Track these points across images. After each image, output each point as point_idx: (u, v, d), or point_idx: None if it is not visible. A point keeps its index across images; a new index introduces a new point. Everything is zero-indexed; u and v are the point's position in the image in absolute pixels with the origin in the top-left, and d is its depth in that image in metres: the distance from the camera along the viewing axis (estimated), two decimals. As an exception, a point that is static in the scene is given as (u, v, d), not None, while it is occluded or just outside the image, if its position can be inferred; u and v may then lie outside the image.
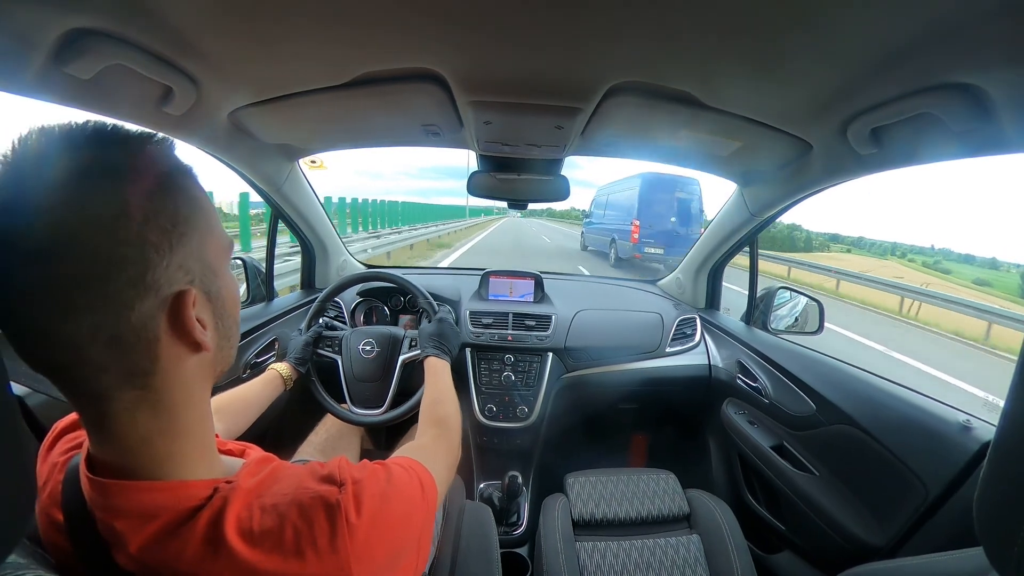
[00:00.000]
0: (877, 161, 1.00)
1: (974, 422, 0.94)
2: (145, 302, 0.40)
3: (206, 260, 0.46)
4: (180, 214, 0.43)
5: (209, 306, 0.47)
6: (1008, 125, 0.71)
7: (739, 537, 1.23)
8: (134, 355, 0.41)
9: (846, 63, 0.75)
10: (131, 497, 0.43)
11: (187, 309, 0.43)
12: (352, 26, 0.75)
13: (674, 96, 0.95)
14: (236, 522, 0.43)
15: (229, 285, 0.51)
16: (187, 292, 0.43)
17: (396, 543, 0.51)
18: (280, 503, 0.45)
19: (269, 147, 1.37)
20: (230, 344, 0.52)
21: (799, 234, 51.91)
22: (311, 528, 0.44)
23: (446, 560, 1.04)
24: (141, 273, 0.40)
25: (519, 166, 1.49)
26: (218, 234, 0.49)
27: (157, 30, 0.73)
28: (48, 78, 0.71)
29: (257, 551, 0.42)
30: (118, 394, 0.41)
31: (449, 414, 0.96)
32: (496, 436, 1.68)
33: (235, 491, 0.45)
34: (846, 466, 1.18)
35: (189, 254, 0.44)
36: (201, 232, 0.45)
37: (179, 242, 0.43)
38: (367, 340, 1.44)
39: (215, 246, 0.48)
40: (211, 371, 0.50)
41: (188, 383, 0.46)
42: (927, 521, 0.95)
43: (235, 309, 0.53)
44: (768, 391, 1.46)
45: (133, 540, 0.42)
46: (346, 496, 0.46)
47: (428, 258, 13.89)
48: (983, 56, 0.64)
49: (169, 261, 0.42)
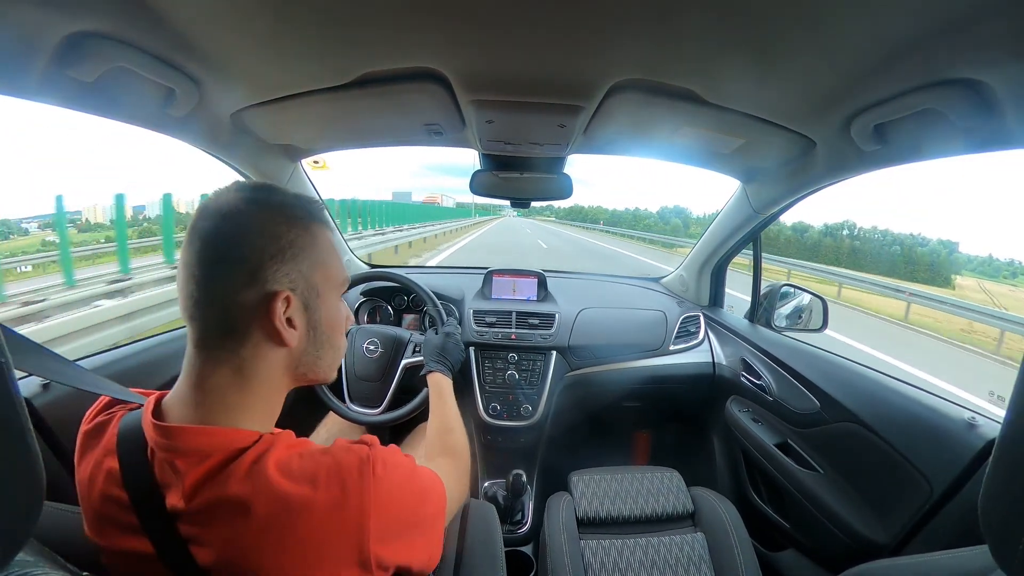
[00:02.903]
0: (881, 157, 0.99)
1: (979, 419, 0.94)
2: (251, 291, 0.53)
3: (312, 281, 0.59)
4: (296, 242, 0.57)
5: (305, 315, 0.59)
6: (1012, 121, 0.71)
7: (743, 535, 1.23)
8: (234, 324, 0.54)
9: (849, 59, 0.75)
10: (192, 438, 0.51)
11: (276, 306, 0.54)
12: (354, 26, 0.75)
13: (677, 94, 0.95)
14: (276, 462, 0.51)
15: (331, 310, 0.64)
16: (281, 293, 0.55)
17: (411, 513, 0.58)
18: (316, 452, 0.54)
19: (271, 147, 1.38)
20: (318, 355, 0.63)
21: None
22: (340, 471, 0.51)
23: (450, 558, 1.05)
24: (255, 270, 0.54)
25: (522, 165, 1.48)
26: (332, 269, 0.63)
27: (159, 32, 0.74)
28: (51, 81, 0.71)
29: (290, 482, 0.49)
30: (216, 350, 0.55)
31: (459, 443, 0.99)
32: (500, 435, 1.68)
33: (277, 440, 0.54)
34: (850, 464, 1.18)
35: (296, 270, 0.57)
36: (311, 260, 0.59)
37: (291, 260, 0.56)
38: (371, 339, 1.45)
39: (324, 276, 0.61)
40: (291, 366, 0.60)
41: (268, 368, 0.57)
42: (932, 519, 0.95)
43: (333, 332, 0.64)
44: (772, 389, 1.46)
45: (190, 476, 0.49)
46: (375, 455, 0.55)
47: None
48: (987, 51, 0.63)
49: (278, 269, 0.55)
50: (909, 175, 34.53)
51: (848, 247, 46.86)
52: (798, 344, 1.51)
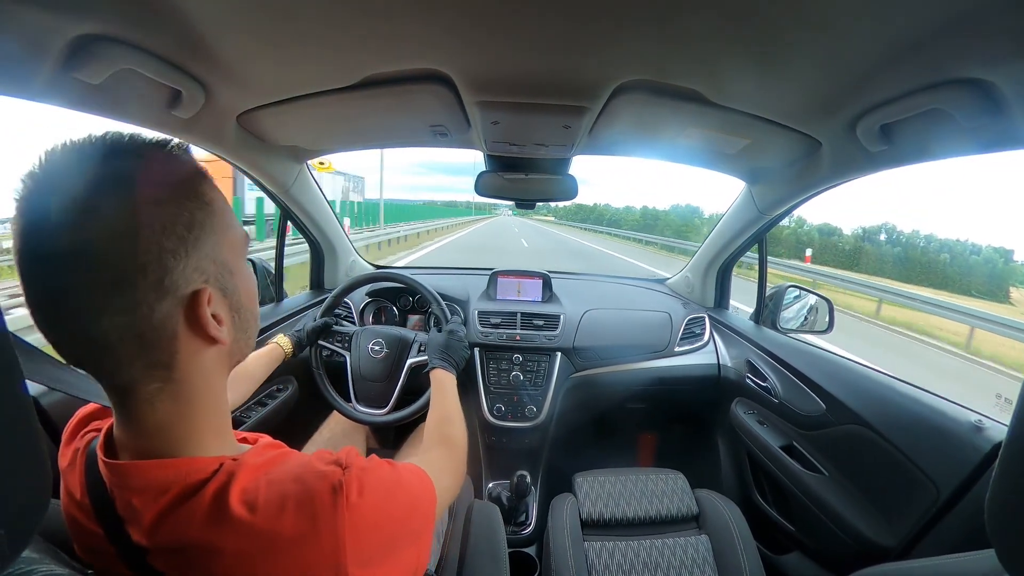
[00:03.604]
0: (887, 158, 0.99)
1: (986, 422, 0.93)
2: (164, 303, 0.43)
3: (221, 259, 0.49)
4: (195, 219, 0.45)
5: (225, 302, 0.50)
6: (1020, 120, 0.70)
7: (748, 538, 1.22)
8: (156, 350, 0.44)
9: (855, 60, 0.74)
10: (145, 474, 0.46)
11: (202, 307, 0.46)
12: (360, 28, 0.75)
13: (681, 94, 0.94)
14: (241, 493, 0.45)
15: (245, 280, 0.53)
16: (202, 291, 0.45)
17: (395, 533, 0.52)
18: (285, 478, 0.47)
19: (278, 149, 1.38)
20: (247, 336, 0.55)
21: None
22: (312, 502, 0.45)
23: (454, 559, 1.05)
24: (160, 277, 0.42)
25: (527, 166, 1.49)
26: (233, 231, 0.51)
27: (165, 34, 0.74)
28: (58, 83, 0.72)
29: (257, 517, 0.44)
30: (142, 386, 0.45)
31: (456, 434, 0.97)
32: (504, 435, 1.68)
33: (241, 466, 0.47)
34: (856, 466, 1.17)
35: (204, 256, 0.46)
36: (216, 233, 0.48)
37: (194, 246, 0.45)
38: (377, 340, 1.45)
39: (230, 243, 0.50)
40: (228, 361, 0.53)
41: (205, 373, 0.49)
42: (938, 522, 0.94)
43: (251, 302, 0.55)
44: (778, 390, 1.45)
45: (147, 514, 0.45)
46: (350, 477, 0.47)
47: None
48: (994, 51, 0.63)
49: (186, 264, 0.44)
50: (909, 173, 32.15)
51: (891, 255, 40.64)
52: (804, 346, 1.50)
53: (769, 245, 1.75)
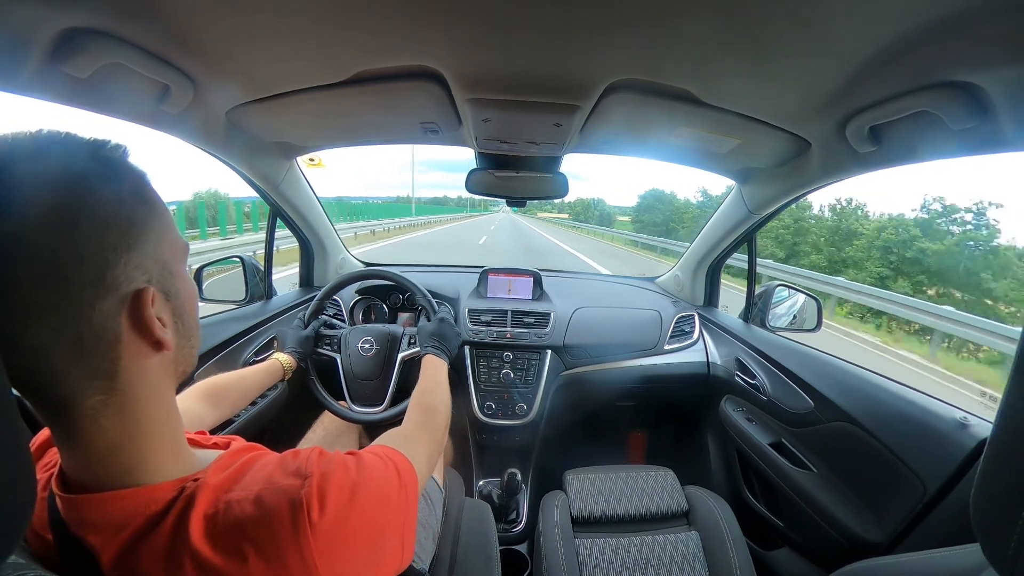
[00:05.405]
0: (876, 159, 1.00)
1: (971, 419, 0.94)
2: (105, 301, 0.41)
3: (163, 261, 0.47)
4: (137, 216, 0.44)
5: (168, 305, 0.48)
6: (1007, 124, 0.71)
7: (738, 534, 1.23)
8: (97, 356, 0.41)
9: (845, 61, 0.75)
10: (100, 509, 0.43)
11: (146, 307, 0.43)
12: (349, 24, 0.75)
13: (673, 94, 0.95)
14: (201, 521, 0.43)
15: (187, 286, 0.52)
16: (145, 290, 0.43)
17: (368, 535, 0.50)
18: (245, 499, 0.45)
19: (267, 145, 1.37)
20: (190, 344, 0.53)
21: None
22: (272, 529, 0.43)
23: (446, 557, 1.05)
24: (100, 273, 0.40)
25: (518, 164, 1.48)
26: (174, 236, 0.50)
27: (154, 28, 0.73)
28: (45, 77, 0.71)
29: (220, 553, 0.42)
30: (82, 399, 0.41)
31: (437, 403, 0.95)
32: (495, 434, 1.68)
33: (201, 488, 0.45)
34: (844, 463, 1.18)
35: (146, 255, 0.45)
36: (157, 234, 0.46)
37: (136, 243, 0.43)
38: (366, 338, 1.44)
39: (171, 248, 0.49)
40: (173, 371, 0.50)
41: (152, 383, 0.46)
42: (924, 518, 0.96)
43: (194, 309, 0.54)
44: (766, 388, 1.47)
45: (106, 553, 0.42)
46: (309, 491, 0.45)
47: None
48: (982, 54, 0.64)
49: (128, 260, 0.42)
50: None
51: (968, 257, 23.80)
52: (792, 344, 1.52)
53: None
